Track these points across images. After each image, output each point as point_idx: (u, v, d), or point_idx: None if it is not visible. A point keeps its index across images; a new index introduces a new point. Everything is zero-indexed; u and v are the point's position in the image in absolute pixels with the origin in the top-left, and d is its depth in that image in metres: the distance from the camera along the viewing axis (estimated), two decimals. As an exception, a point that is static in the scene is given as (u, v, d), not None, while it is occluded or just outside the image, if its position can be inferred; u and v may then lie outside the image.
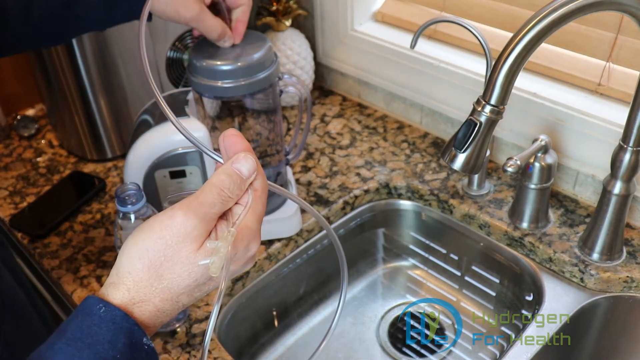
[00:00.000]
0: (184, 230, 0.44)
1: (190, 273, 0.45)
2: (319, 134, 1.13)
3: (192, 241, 0.45)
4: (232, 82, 0.82)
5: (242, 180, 0.47)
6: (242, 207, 0.47)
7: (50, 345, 0.43)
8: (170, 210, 0.45)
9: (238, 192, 0.47)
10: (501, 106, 0.61)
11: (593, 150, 0.87)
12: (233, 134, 0.48)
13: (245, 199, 0.48)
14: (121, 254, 0.46)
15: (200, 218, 0.45)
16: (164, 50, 1.07)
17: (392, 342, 0.98)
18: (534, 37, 0.58)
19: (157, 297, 0.45)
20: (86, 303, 0.44)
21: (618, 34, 0.84)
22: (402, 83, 1.09)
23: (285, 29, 1.15)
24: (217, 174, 0.46)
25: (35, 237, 0.95)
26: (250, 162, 0.47)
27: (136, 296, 0.45)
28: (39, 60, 1.05)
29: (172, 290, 0.45)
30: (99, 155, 1.11)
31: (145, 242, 0.45)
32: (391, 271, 1.09)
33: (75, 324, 0.44)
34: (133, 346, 0.44)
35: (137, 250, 0.45)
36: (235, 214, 0.47)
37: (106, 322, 0.43)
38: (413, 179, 1.00)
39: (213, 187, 0.46)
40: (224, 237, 0.45)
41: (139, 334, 0.44)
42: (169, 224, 0.45)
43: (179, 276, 0.45)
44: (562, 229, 0.89)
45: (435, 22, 0.85)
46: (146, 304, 0.45)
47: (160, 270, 0.45)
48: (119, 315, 0.44)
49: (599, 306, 0.84)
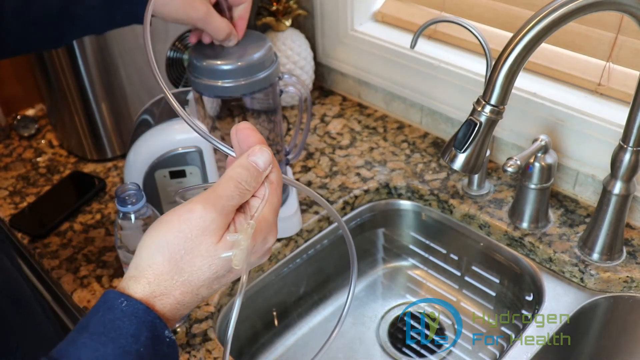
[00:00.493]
0: (203, 223, 0.45)
1: (211, 265, 0.46)
2: (319, 134, 1.13)
3: (211, 234, 0.45)
4: (232, 82, 0.82)
5: (258, 172, 0.47)
6: (259, 199, 0.48)
7: (73, 341, 0.43)
8: (189, 204, 0.46)
9: (255, 184, 0.47)
10: (501, 106, 0.61)
11: (593, 150, 0.87)
12: (246, 127, 0.48)
13: (262, 191, 0.48)
14: (140, 248, 0.46)
15: (219, 211, 0.45)
16: (164, 50, 1.07)
17: (392, 342, 0.98)
18: (534, 37, 0.58)
19: (178, 290, 0.46)
20: (107, 297, 0.45)
21: (618, 34, 0.84)
22: (402, 83, 1.09)
23: (285, 29, 1.15)
24: (234, 167, 0.47)
25: (35, 237, 0.95)
26: (266, 154, 0.47)
27: (157, 289, 0.45)
28: (39, 60, 1.05)
29: (192, 283, 0.46)
30: (99, 155, 1.11)
31: (165, 236, 0.45)
32: (391, 271, 1.09)
33: (97, 318, 0.44)
34: (155, 339, 0.44)
35: (157, 244, 0.45)
36: (252, 206, 0.48)
37: (128, 315, 0.44)
38: (413, 179, 1.00)
39: (231, 180, 0.46)
40: (243, 230, 0.46)
41: (160, 327, 0.45)
42: (189, 218, 0.45)
43: (199, 269, 0.46)
44: (562, 229, 0.89)
45: (435, 22, 0.85)
46: (167, 297, 0.45)
47: (180, 264, 0.45)
48: (141, 308, 0.44)
49: (599, 306, 0.84)
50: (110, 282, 0.87)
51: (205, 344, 0.79)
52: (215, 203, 0.45)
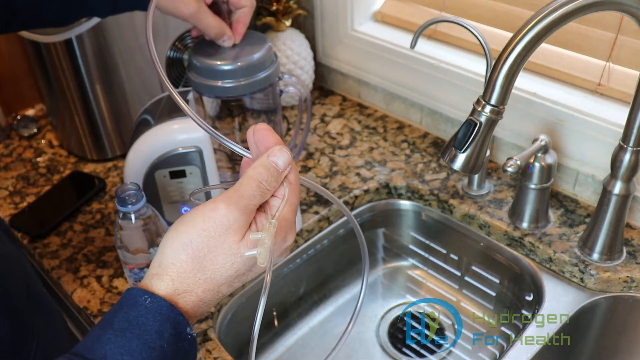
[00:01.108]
0: (226, 222, 0.46)
1: (233, 264, 0.47)
2: (319, 134, 1.13)
3: (234, 233, 0.46)
4: (232, 82, 0.82)
5: (278, 172, 0.48)
6: (278, 199, 0.49)
7: (97, 337, 0.44)
8: (212, 203, 0.47)
9: (275, 184, 0.48)
10: (501, 106, 0.61)
11: (593, 150, 0.87)
12: (264, 128, 0.49)
13: (282, 191, 0.49)
14: (163, 246, 0.47)
15: (241, 210, 0.46)
16: (164, 50, 1.07)
17: (392, 342, 0.98)
18: (534, 37, 0.58)
19: (200, 288, 0.47)
20: (129, 295, 0.46)
21: (618, 34, 0.84)
22: (402, 83, 1.09)
23: (285, 29, 1.15)
24: (255, 167, 0.48)
25: (35, 237, 0.95)
26: (285, 155, 0.48)
27: (180, 287, 0.46)
28: (39, 60, 1.05)
29: (214, 281, 0.47)
30: (99, 155, 1.11)
31: (189, 234, 0.46)
32: (391, 271, 1.09)
33: (121, 315, 0.45)
34: (178, 336, 0.45)
35: (181, 242, 0.46)
36: (272, 206, 0.49)
37: (152, 312, 0.44)
38: (413, 179, 1.00)
39: (252, 179, 0.47)
40: (266, 229, 0.47)
41: (183, 324, 0.46)
42: (212, 216, 0.46)
43: (222, 267, 0.47)
44: (562, 229, 0.89)
45: (435, 22, 0.85)
46: (189, 294, 0.46)
47: (203, 262, 0.46)
48: (165, 305, 0.45)
49: (599, 306, 0.84)
50: (110, 282, 0.87)
51: (205, 344, 0.79)
52: (238, 202, 0.46)
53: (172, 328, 0.45)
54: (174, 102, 0.88)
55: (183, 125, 0.82)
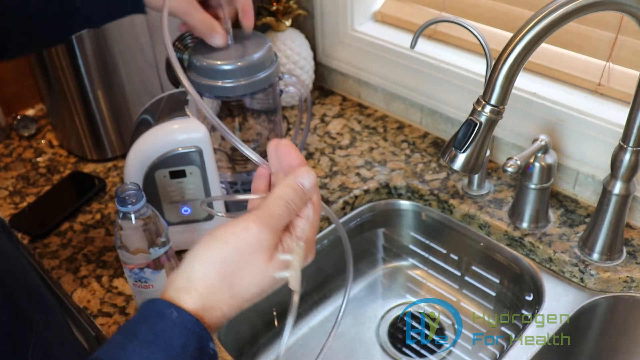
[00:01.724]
0: (257, 241, 0.47)
1: (260, 282, 0.48)
2: (319, 134, 1.13)
3: (264, 252, 0.47)
4: (232, 82, 0.82)
5: (304, 193, 0.50)
6: (301, 219, 0.50)
7: (122, 346, 0.44)
8: (244, 221, 0.48)
9: (301, 205, 0.50)
10: (501, 106, 0.61)
11: (593, 150, 0.87)
12: (287, 145, 0.51)
13: (305, 211, 0.51)
14: (192, 261, 0.48)
15: (272, 230, 0.48)
16: (164, 50, 1.07)
17: (392, 342, 0.98)
18: (534, 37, 0.58)
19: (226, 305, 0.47)
20: (155, 306, 0.46)
21: (618, 34, 0.84)
22: (402, 83, 1.09)
23: (285, 29, 1.15)
24: (283, 188, 0.49)
25: (35, 237, 0.95)
26: (312, 176, 0.50)
27: (207, 303, 0.47)
28: (39, 60, 1.05)
29: (239, 298, 0.48)
30: (99, 155, 1.11)
31: (220, 251, 0.47)
32: (391, 271, 1.09)
33: (146, 326, 0.45)
34: (201, 350, 0.46)
35: (212, 258, 0.47)
36: (297, 226, 0.50)
37: (179, 326, 0.45)
38: (413, 179, 1.00)
39: (281, 200, 0.48)
40: (295, 252, 0.49)
41: (206, 339, 0.46)
42: (245, 236, 0.47)
43: (249, 284, 0.48)
44: (562, 229, 0.89)
45: (435, 22, 0.85)
46: (215, 310, 0.47)
47: (232, 279, 0.47)
48: (191, 320, 0.45)
49: (599, 306, 0.84)
50: (110, 282, 0.87)
51: (205, 344, 0.79)
52: (269, 223, 0.48)
53: (197, 342, 0.45)
54: (174, 102, 0.88)
55: (183, 125, 0.82)
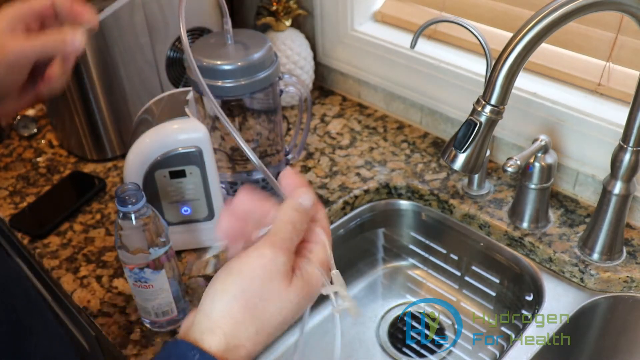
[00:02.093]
0: (274, 266, 0.46)
1: (281, 310, 0.47)
2: (319, 134, 1.13)
3: (282, 277, 0.46)
4: (233, 82, 0.82)
5: (306, 212, 0.50)
6: (311, 243, 0.50)
7: None
8: (256, 250, 0.47)
9: (305, 224, 0.50)
10: (501, 106, 0.61)
11: (593, 150, 0.87)
12: (290, 172, 0.53)
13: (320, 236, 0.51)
14: (211, 299, 0.46)
15: (286, 253, 0.47)
16: (164, 50, 1.07)
17: (392, 342, 0.98)
18: (534, 37, 0.58)
19: (251, 342, 0.46)
20: (178, 349, 0.45)
21: (618, 34, 0.84)
22: (402, 83, 1.09)
23: (285, 29, 1.15)
24: (285, 210, 0.49)
25: (35, 237, 0.95)
26: (310, 195, 0.50)
27: (231, 341, 0.45)
28: (39, 60, 1.05)
29: (264, 332, 0.46)
30: (99, 155, 1.11)
31: (240, 284, 0.46)
32: (391, 271, 1.09)
33: None
34: None
35: (232, 293, 0.46)
36: (309, 249, 0.50)
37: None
38: (413, 179, 1.00)
39: (287, 223, 0.48)
40: (337, 282, 0.49)
41: None
42: (261, 263, 0.46)
43: (272, 315, 0.46)
44: (562, 229, 0.89)
45: (435, 22, 0.85)
46: (240, 349, 0.46)
47: (254, 312, 0.46)
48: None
49: (599, 306, 0.84)
50: (110, 282, 0.87)
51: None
52: (282, 246, 0.47)
53: None
54: (174, 102, 0.88)
55: (183, 125, 0.82)
